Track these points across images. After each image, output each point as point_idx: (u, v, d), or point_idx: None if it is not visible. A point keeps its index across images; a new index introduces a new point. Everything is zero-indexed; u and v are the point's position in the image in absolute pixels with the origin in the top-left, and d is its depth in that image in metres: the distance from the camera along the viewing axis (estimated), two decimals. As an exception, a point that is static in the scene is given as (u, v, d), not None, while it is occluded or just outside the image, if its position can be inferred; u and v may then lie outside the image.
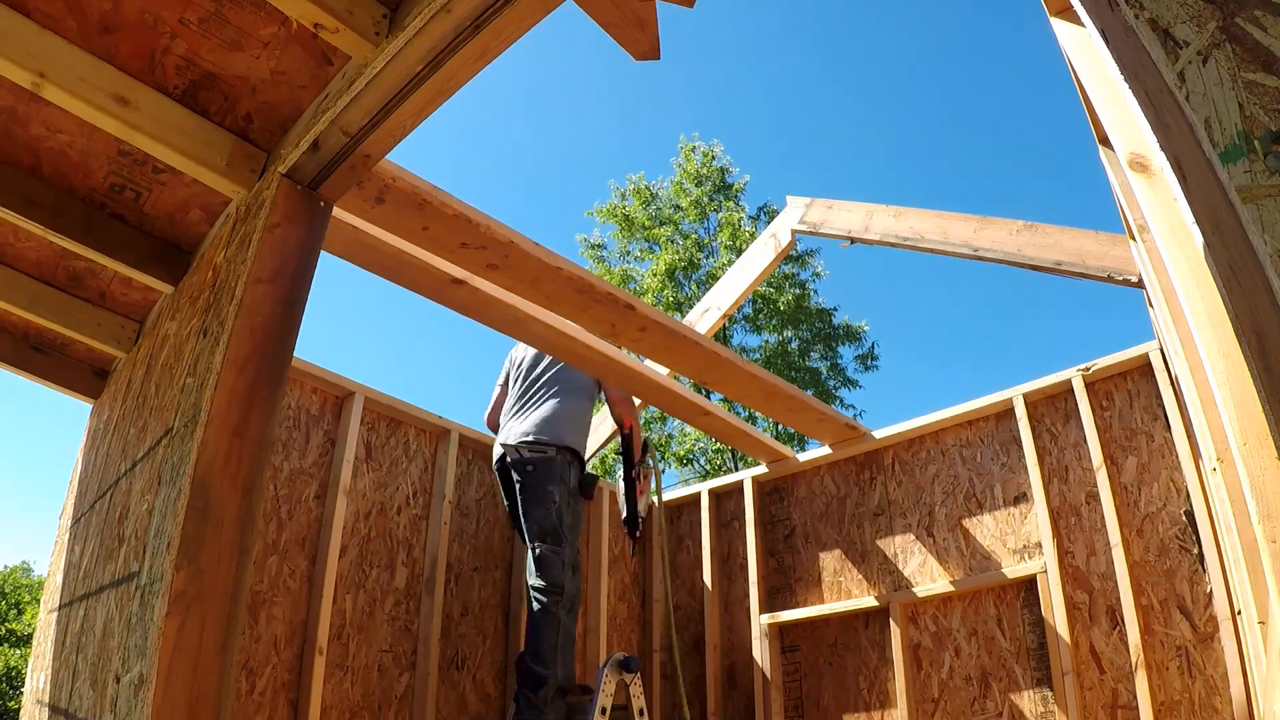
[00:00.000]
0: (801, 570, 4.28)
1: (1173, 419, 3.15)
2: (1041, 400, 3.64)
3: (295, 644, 3.12)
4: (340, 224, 2.59)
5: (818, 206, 3.91)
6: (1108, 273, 2.84)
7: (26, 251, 2.65)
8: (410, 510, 3.73)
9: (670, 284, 16.39)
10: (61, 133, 2.15)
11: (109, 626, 1.89)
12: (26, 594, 20.55)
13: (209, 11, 1.85)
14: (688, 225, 17.47)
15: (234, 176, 2.14)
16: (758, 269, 4.24)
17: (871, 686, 3.82)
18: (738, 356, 3.71)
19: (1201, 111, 0.77)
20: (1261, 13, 0.77)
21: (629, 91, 39.19)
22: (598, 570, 4.44)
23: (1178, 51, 0.81)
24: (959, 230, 3.30)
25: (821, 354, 16.91)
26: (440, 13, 1.62)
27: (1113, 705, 3.08)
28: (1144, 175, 1.54)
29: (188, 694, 1.48)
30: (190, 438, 1.72)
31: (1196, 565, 3.00)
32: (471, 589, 3.86)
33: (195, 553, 1.58)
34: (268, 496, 3.22)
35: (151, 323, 2.83)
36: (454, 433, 3.93)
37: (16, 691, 16.29)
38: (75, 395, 3.22)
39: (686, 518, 4.88)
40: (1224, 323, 1.16)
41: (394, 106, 1.85)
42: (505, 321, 3.30)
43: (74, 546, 2.75)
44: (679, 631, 4.66)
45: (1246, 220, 0.72)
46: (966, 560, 3.68)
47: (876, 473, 4.14)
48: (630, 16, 1.81)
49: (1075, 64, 1.96)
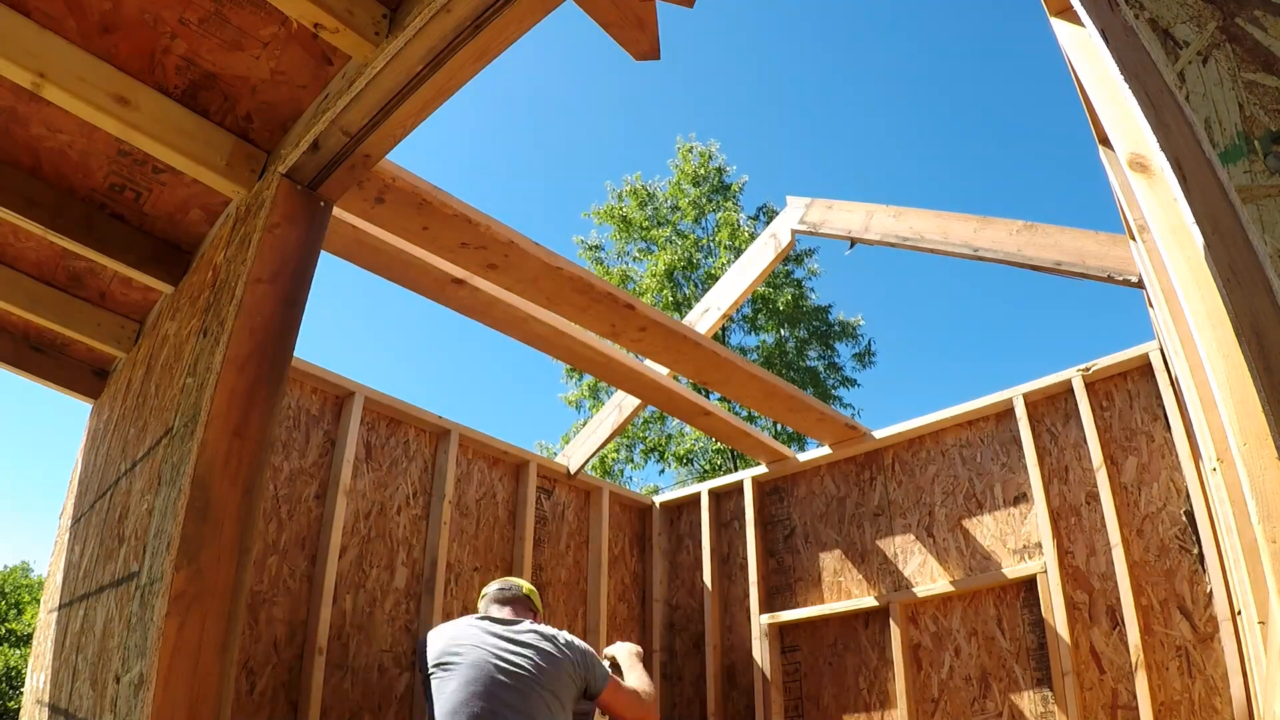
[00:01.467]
0: (801, 570, 4.28)
1: (1173, 419, 3.15)
2: (1041, 400, 3.64)
3: (295, 644, 3.12)
4: (340, 224, 2.59)
5: (818, 207, 3.91)
6: (1108, 273, 2.84)
7: (26, 251, 2.65)
8: (410, 510, 3.73)
9: (669, 284, 16.40)
10: (61, 133, 2.15)
11: (109, 626, 1.89)
12: (26, 594, 20.55)
13: (209, 11, 1.85)
14: (685, 226, 17.48)
15: (234, 176, 2.14)
16: (758, 269, 4.23)
17: (871, 686, 3.82)
18: (738, 356, 3.71)
19: (1201, 111, 0.77)
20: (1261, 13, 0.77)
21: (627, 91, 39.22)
22: (598, 570, 4.45)
23: (1178, 52, 0.81)
24: (959, 230, 3.30)
25: (819, 353, 16.92)
26: (440, 13, 1.62)
27: (1113, 705, 3.08)
28: (1144, 175, 1.54)
29: (188, 694, 1.48)
30: (190, 438, 1.72)
31: (1196, 565, 3.00)
32: (471, 589, 3.86)
33: (195, 553, 1.58)
34: (268, 496, 3.22)
35: (151, 323, 2.83)
36: (454, 433, 3.93)
37: (16, 691, 16.29)
38: (75, 395, 3.22)
39: (686, 518, 4.88)
40: (1224, 323, 1.16)
41: (394, 106, 1.85)
42: (505, 321, 3.30)
43: (74, 546, 2.75)
44: (679, 631, 4.66)
45: (1246, 220, 0.72)
46: (966, 560, 3.68)
47: (876, 473, 4.14)
48: (630, 16, 1.81)
49: (1075, 64, 1.96)
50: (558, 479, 4.51)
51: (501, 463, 4.23)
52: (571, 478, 4.54)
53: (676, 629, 4.67)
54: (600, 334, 3.39)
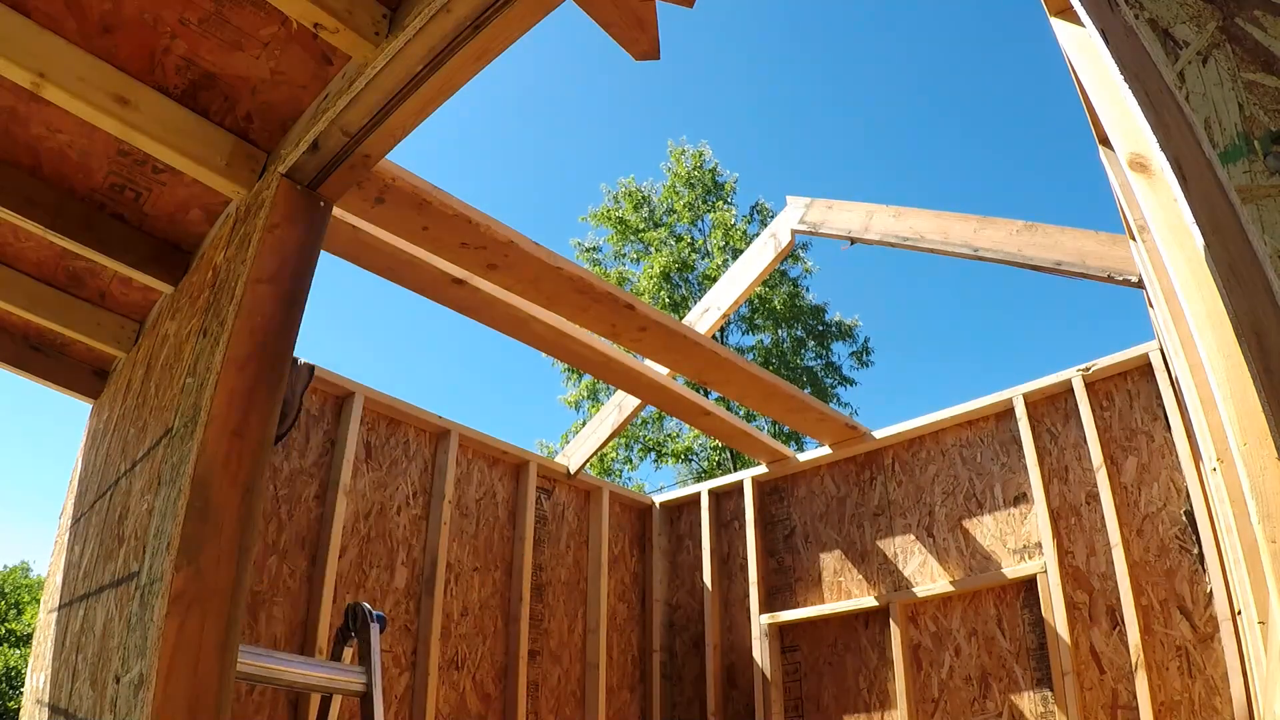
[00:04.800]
0: (801, 570, 4.28)
1: (1173, 419, 3.15)
2: (1041, 400, 3.63)
3: (295, 644, 3.12)
4: (340, 224, 2.59)
5: (818, 206, 3.91)
6: (1108, 273, 2.84)
7: (26, 251, 2.65)
8: (410, 510, 3.73)
9: (666, 286, 16.43)
10: (61, 133, 2.15)
11: (109, 626, 1.89)
12: (26, 594, 20.54)
13: (209, 11, 1.85)
14: (681, 228, 17.54)
15: (234, 176, 2.14)
16: (757, 269, 4.23)
17: (871, 686, 3.82)
18: (738, 357, 3.72)
19: (1201, 111, 0.77)
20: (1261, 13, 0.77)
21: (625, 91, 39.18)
22: (598, 570, 4.45)
23: (1178, 52, 0.81)
24: (959, 230, 3.30)
25: (816, 352, 16.96)
26: (440, 13, 1.62)
27: (1113, 705, 3.08)
28: (1144, 175, 1.54)
29: (188, 694, 1.48)
30: (190, 438, 1.72)
31: (1196, 565, 3.00)
32: (471, 589, 3.86)
33: (195, 553, 1.58)
34: (268, 496, 3.22)
35: (151, 323, 2.83)
36: (454, 433, 3.92)
37: (16, 691, 16.29)
38: (75, 395, 3.22)
39: (686, 518, 4.88)
40: (1224, 323, 1.16)
41: (394, 106, 1.85)
42: (505, 321, 3.30)
43: (74, 546, 2.75)
44: (679, 631, 4.66)
45: (1246, 220, 0.72)
46: (966, 560, 3.68)
47: (876, 473, 4.14)
48: (630, 16, 1.81)
49: (1075, 64, 1.96)
50: (558, 479, 4.51)
51: (501, 463, 4.23)
52: (571, 478, 4.54)
53: (676, 629, 4.67)
54: (600, 334, 3.39)
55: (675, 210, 17.57)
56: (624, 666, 4.50)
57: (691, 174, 17.60)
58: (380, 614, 2.69)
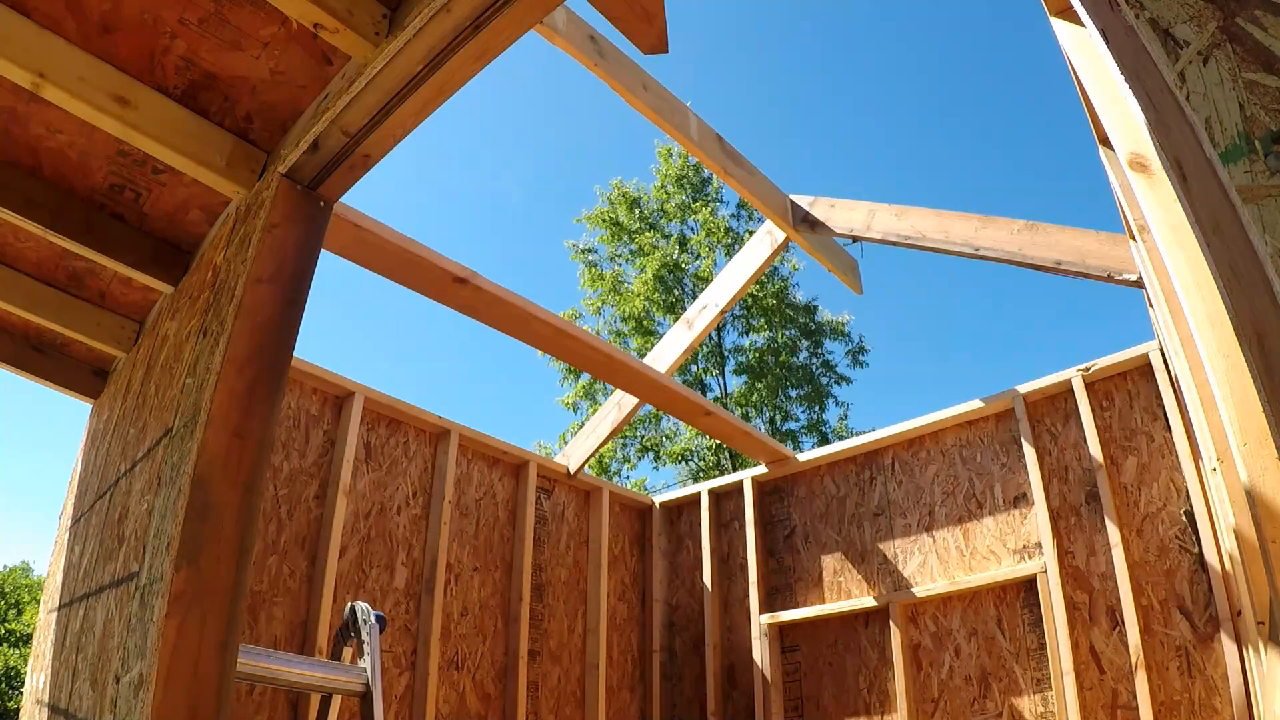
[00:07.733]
0: (801, 570, 4.28)
1: (1173, 419, 3.15)
2: (1041, 400, 3.63)
3: (295, 644, 3.12)
4: (342, 223, 2.59)
5: (820, 205, 3.91)
6: (1108, 273, 2.84)
7: (26, 251, 2.65)
8: (410, 510, 3.73)
9: (660, 288, 16.46)
10: (61, 133, 2.15)
11: (109, 627, 1.89)
12: (26, 594, 20.55)
13: (209, 11, 1.85)
14: (673, 228, 17.57)
15: (234, 176, 2.14)
16: (754, 265, 4.24)
17: (871, 686, 3.82)
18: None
19: (1202, 111, 0.77)
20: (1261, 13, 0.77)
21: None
22: (598, 570, 4.45)
23: (1178, 51, 0.81)
24: (960, 229, 3.30)
25: (810, 352, 16.97)
26: (440, 13, 1.62)
27: (1113, 705, 3.08)
28: (1144, 175, 1.53)
29: (188, 694, 1.48)
30: (190, 438, 1.72)
31: (1196, 565, 3.00)
32: (471, 589, 3.86)
33: (195, 553, 1.58)
34: (268, 496, 3.22)
35: (151, 323, 2.83)
36: (454, 433, 3.92)
37: (16, 691, 16.29)
38: (75, 395, 3.22)
39: (686, 518, 4.88)
40: (1224, 323, 1.16)
41: (394, 106, 1.85)
42: (506, 321, 3.31)
43: (74, 546, 2.75)
44: (679, 631, 4.66)
45: (1247, 220, 0.72)
46: (966, 560, 3.68)
47: (876, 473, 4.14)
48: (637, 10, 1.80)
49: (1075, 64, 1.96)
50: (557, 479, 4.51)
51: (501, 463, 4.23)
52: (571, 478, 4.54)
53: (676, 629, 4.67)
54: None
55: (667, 211, 17.59)
56: (624, 667, 4.50)
57: (680, 174, 17.62)
58: (380, 614, 2.70)
